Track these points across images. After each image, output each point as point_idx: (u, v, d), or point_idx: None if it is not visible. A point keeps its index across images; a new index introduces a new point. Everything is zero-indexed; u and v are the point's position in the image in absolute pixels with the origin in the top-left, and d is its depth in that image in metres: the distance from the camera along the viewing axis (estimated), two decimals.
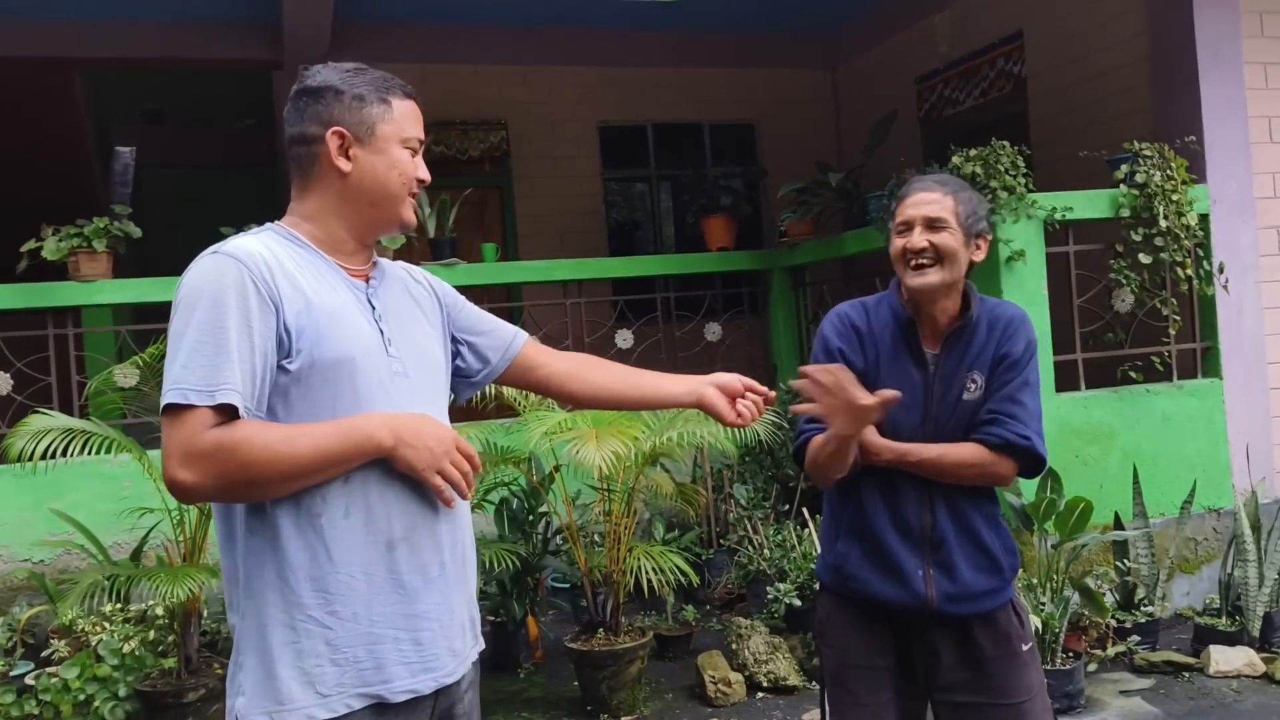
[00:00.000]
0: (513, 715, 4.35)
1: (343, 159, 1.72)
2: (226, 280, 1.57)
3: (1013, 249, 4.90)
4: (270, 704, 1.58)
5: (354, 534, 1.61)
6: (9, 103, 7.83)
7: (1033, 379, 2.28)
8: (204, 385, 1.52)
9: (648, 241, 9.17)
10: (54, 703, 3.92)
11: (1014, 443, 2.22)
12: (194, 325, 1.55)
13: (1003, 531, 2.32)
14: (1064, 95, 6.71)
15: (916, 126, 8.16)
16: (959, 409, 2.27)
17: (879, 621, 2.32)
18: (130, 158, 7.63)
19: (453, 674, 1.72)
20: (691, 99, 8.87)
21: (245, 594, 1.62)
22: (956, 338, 2.29)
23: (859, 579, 2.31)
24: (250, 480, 1.53)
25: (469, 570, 1.80)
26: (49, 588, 4.69)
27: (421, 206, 6.30)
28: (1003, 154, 4.91)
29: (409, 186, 1.77)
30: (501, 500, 4.95)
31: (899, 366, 2.29)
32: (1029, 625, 2.35)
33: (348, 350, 1.64)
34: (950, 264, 2.24)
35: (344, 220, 1.74)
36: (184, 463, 1.51)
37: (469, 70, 8.24)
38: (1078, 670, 4.13)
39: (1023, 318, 2.33)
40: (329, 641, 1.59)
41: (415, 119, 1.80)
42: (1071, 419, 5.06)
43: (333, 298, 1.67)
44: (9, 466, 4.29)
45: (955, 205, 2.26)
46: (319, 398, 1.61)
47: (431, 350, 1.84)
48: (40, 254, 5.30)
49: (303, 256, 1.70)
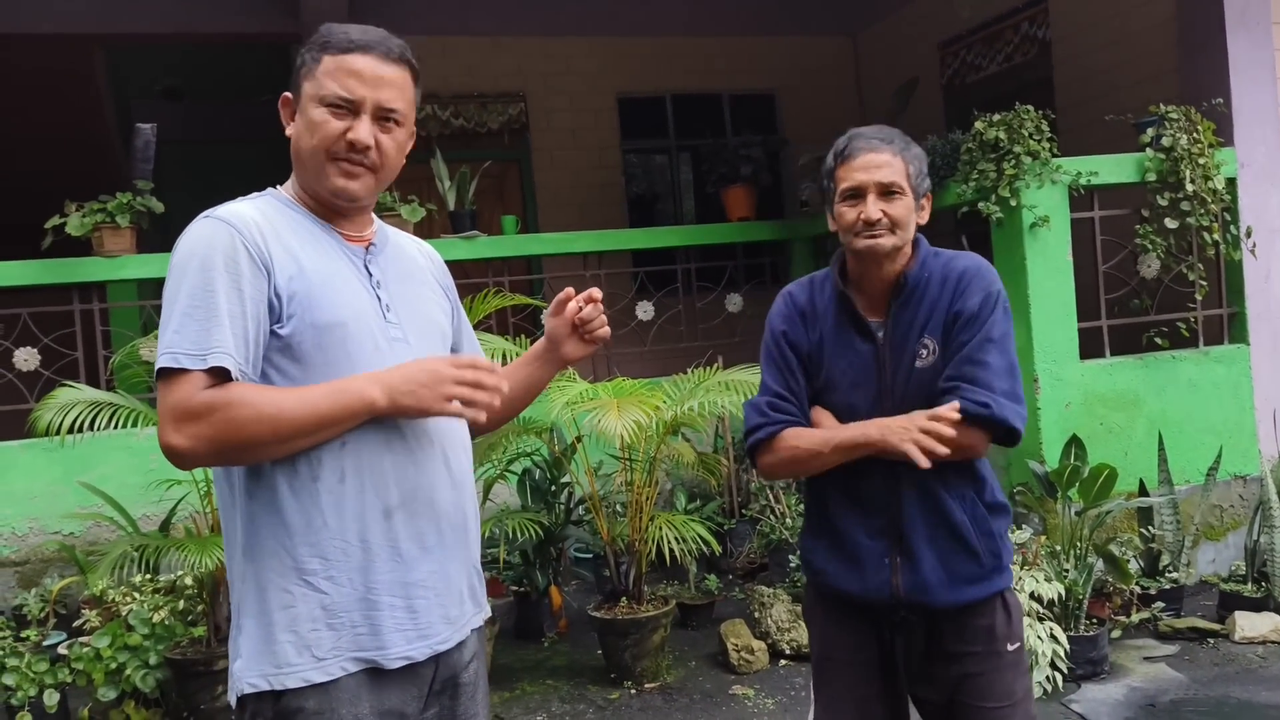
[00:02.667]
0: (537, 683, 4.39)
1: (291, 124, 1.70)
2: (217, 244, 1.56)
3: (1037, 215, 4.85)
4: (268, 667, 1.58)
5: (350, 500, 1.60)
6: (32, 80, 7.86)
7: (997, 333, 2.03)
8: (195, 349, 1.51)
9: (668, 213, 9.13)
10: (87, 671, 3.98)
11: (972, 412, 1.96)
12: (185, 290, 1.54)
13: (980, 514, 2.09)
14: (1089, 59, 6.61)
15: (939, 92, 8.07)
16: (914, 379, 2.06)
17: (856, 615, 2.16)
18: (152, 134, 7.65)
19: (448, 641, 1.70)
20: (710, 69, 8.80)
21: (244, 558, 1.62)
22: (904, 302, 2.09)
23: (827, 573, 2.17)
24: (242, 442, 1.52)
25: (470, 538, 1.77)
26: (79, 559, 4.76)
27: (441, 179, 6.30)
28: (1027, 118, 4.85)
29: (325, 149, 1.64)
30: (524, 470, 4.98)
31: (843, 341, 2.11)
32: (1018, 624, 2.15)
33: (339, 315, 1.61)
34: (903, 230, 2.06)
35: (303, 185, 1.72)
36: (177, 426, 1.50)
37: (487, 42, 8.20)
38: (1102, 636, 4.13)
39: (979, 268, 2.09)
40: (325, 606, 1.59)
41: (344, 73, 1.63)
42: (1096, 386, 5.02)
43: (325, 263, 1.65)
44: (38, 440, 4.35)
45: (906, 166, 2.07)
46: (312, 363, 1.59)
47: (435, 317, 1.81)
48: (65, 230, 5.34)
49: (298, 221, 1.68)
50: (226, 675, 1.68)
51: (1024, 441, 4.99)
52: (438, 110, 8.10)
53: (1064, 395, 4.93)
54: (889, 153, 2.06)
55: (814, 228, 6.83)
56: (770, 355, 2.19)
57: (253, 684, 1.58)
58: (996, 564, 2.09)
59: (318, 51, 1.66)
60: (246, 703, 1.60)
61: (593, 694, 4.24)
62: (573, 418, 4.26)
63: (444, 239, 6.19)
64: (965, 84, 7.89)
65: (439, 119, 8.09)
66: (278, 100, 1.75)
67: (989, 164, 4.87)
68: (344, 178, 1.66)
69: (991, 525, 2.10)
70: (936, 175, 5.32)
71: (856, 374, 2.08)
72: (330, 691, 1.58)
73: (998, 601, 2.12)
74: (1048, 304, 4.92)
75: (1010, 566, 2.15)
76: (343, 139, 1.64)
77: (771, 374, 2.17)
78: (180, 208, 1.82)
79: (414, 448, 1.66)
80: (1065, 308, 4.96)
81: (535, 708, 4.14)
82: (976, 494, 2.10)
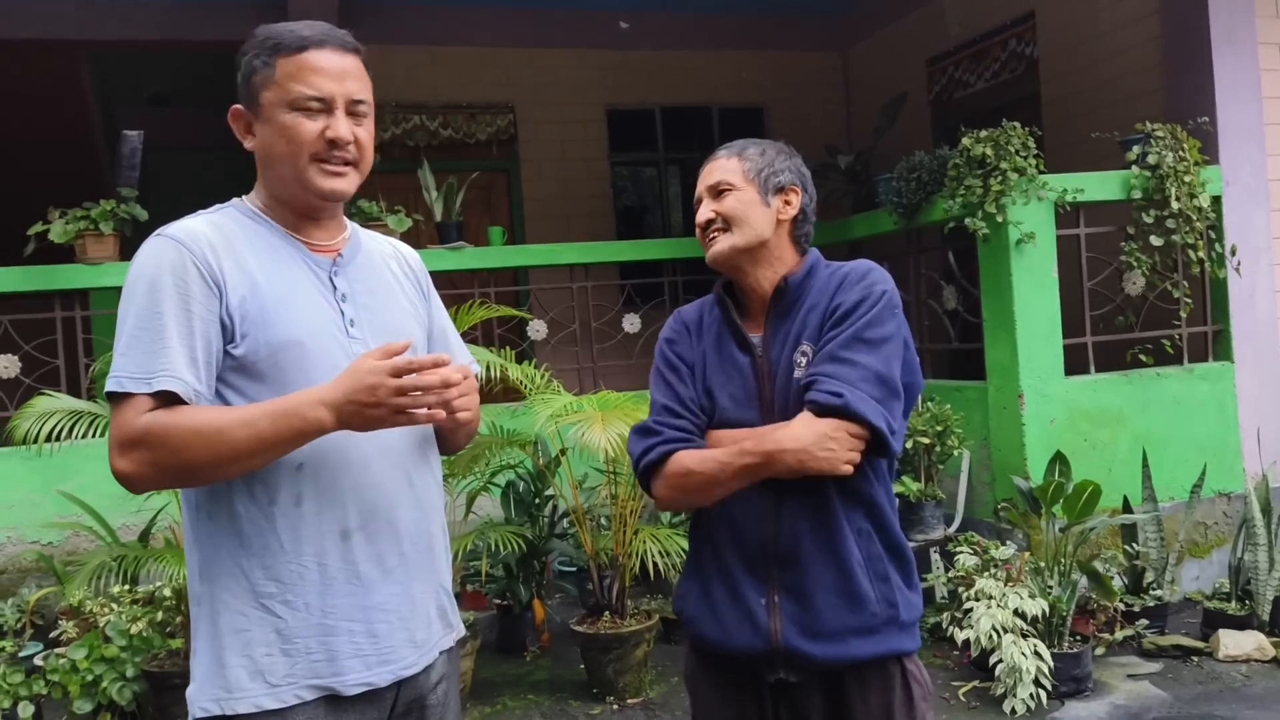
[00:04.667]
0: (519, 698, 4.35)
1: (249, 137, 1.65)
2: (165, 264, 1.53)
3: (1023, 231, 4.87)
4: (219, 692, 1.55)
5: (306, 522, 1.56)
6: (16, 86, 7.81)
7: (872, 334, 1.79)
8: (141, 372, 1.49)
9: (656, 225, 9.13)
10: (62, 683, 3.93)
11: (825, 404, 1.73)
12: (133, 312, 1.53)
13: (875, 553, 1.82)
14: (1076, 76, 6.64)
15: (927, 108, 8.10)
16: (795, 392, 1.82)
17: (735, 682, 1.88)
18: (138, 141, 7.61)
19: (414, 665, 1.66)
20: (700, 82, 8.81)
21: (201, 580, 1.59)
22: (782, 310, 1.91)
23: (697, 621, 1.90)
24: (184, 465, 1.49)
25: (436, 559, 1.72)
26: (57, 569, 4.70)
27: (428, 190, 6.29)
28: (1013, 135, 4.87)
29: (305, 150, 1.60)
30: (508, 483, 4.95)
31: (724, 354, 1.93)
32: (921, 700, 1.85)
33: (295, 333, 1.57)
34: (740, 226, 1.91)
35: (272, 195, 1.67)
36: (121, 451, 1.49)
37: (476, 53, 8.20)
38: (1085, 654, 4.12)
39: (867, 269, 1.89)
40: (279, 631, 1.55)
41: (308, 72, 1.59)
42: (1081, 402, 5.03)
43: (283, 279, 1.61)
44: (16, 448, 4.30)
45: (741, 164, 1.95)
46: (269, 381, 1.55)
47: (405, 328, 1.73)
48: (47, 237, 5.30)
49: (258, 234, 1.64)
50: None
51: (1009, 458, 5.04)
52: (426, 120, 8.08)
53: (1049, 411, 4.94)
54: (724, 157, 1.99)
55: None
56: (656, 370, 2.00)
57: (204, 708, 1.55)
58: (891, 615, 1.81)
59: (268, 56, 1.60)
60: None
61: (575, 709, 4.21)
62: (557, 430, 4.23)
63: (431, 249, 6.17)
64: (953, 100, 7.92)
65: (427, 129, 8.08)
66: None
67: (976, 180, 4.89)
68: (332, 178, 1.62)
69: (888, 568, 1.83)
70: (924, 190, 5.33)
71: (736, 389, 1.89)
72: (282, 716, 1.55)
73: (895, 671, 1.84)
74: (1033, 320, 4.93)
75: (915, 629, 1.87)
76: (321, 139, 1.60)
77: (658, 388, 1.97)
78: (165, 215, 1.79)
79: (374, 468, 1.61)
80: (1050, 324, 4.97)
81: None
82: (874, 529, 1.84)
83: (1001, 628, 3.95)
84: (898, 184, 5.47)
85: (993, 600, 4.05)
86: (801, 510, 1.80)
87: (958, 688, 4.16)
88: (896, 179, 5.49)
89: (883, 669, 1.83)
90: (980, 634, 3.95)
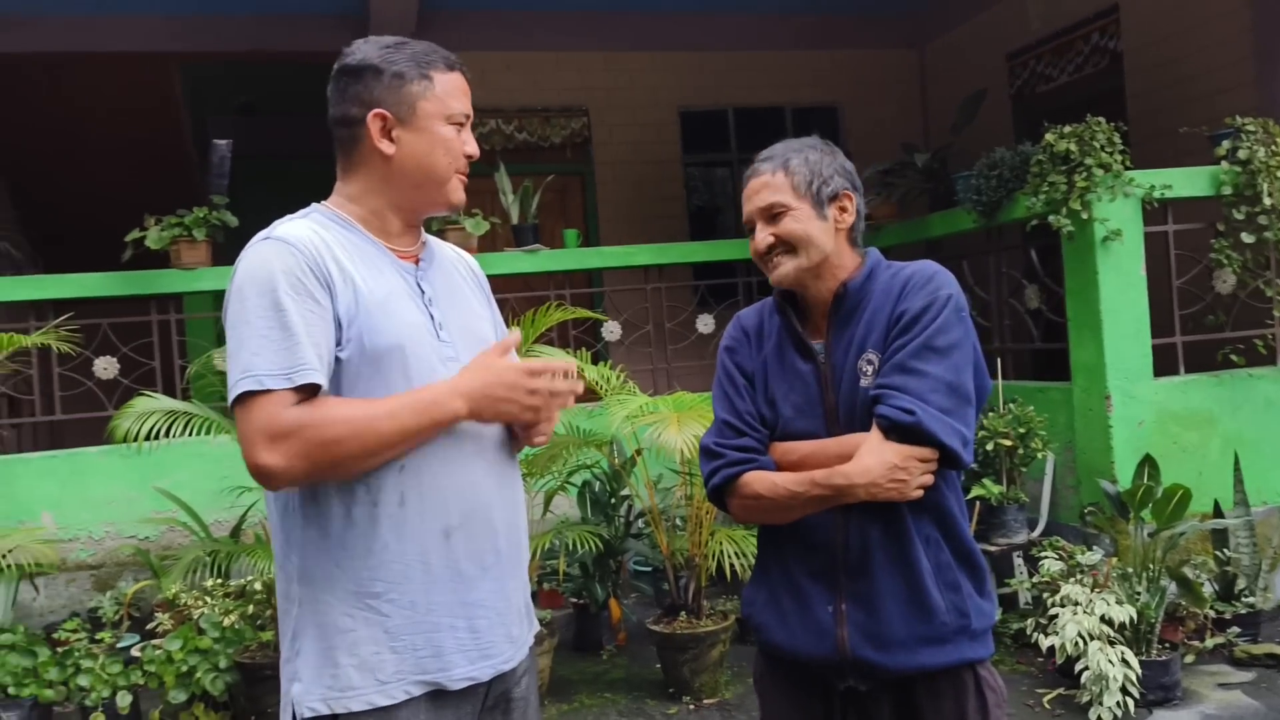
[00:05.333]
0: (596, 696, 4.39)
1: (385, 141, 1.67)
2: (282, 265, 1.56)
3: (1109, 229, 4.75)
4: (329, 691, 1.57)
5: (410, 522, 1.59)
6: (113, 97, 8.14)
7: (941, 341, 1.74)
8: (279, 369, 1.51)
9: (729, 226, 9.11)
10: (158, 673, 4.08)
11: (896, 420, 1.71)
12: (255, 312, 1.54)
13: (945, 562, 1.80)
14: (1163, 70, 6.46)
15: (1008, 104, 7.95)
16: (860, 402, 1.79)
17: (804, 687, 1.88)
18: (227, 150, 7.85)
19: (511, 660, 1.71)
20: (773, 82, 8.78)
21: (301, 582, 1.62)
22: (844, 316, 1.86)
23: (766, 628, 1.90)
24: (334, 457, 1.52)
25: (523, 556, 1.77)
26: (153, 563, 4.89)
27: (504, 193, 6.37)
28: (1098, 130, 4.76)
29: (455, 165, 1.71)
30: (584, 483, 5.00)
31: (786, 363, 1.90)
32: (996, 707, 1.82)
33: (397, 338, 1.61)
34: (805, 248, 1.84)
35: (390, 202, 1.70)
36: (269, 445, 1.49)
37: (551, 57, 8.29)
38: (1174, 662, 4.01)
39: (931, 272, 1.83)
40: (386, 629, 1.58)
41: (460, 92, 1.72)
42: (1170, 404, 4.89)
43: (381, 284, 1.64)
44: (116, 447, 4.48)
45: (788, 179, 1.85)
46: (370, 386, 1.59)
47: (484, 332, 1.80)
48: (144, 243, 5.51)
49: (350, 240, 1.67)
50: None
51: (1095, 460, 4.93)
52: (502, 125, 8.19)
53: (1137, 413, 4.81)
54: (767, 172, 1.88)
55: (876, 241, 6.77)
56: (717, 382, 1.99)
57: (312, 708, 1.58)
58: (963, 624, 1.79)
59: (424, 68, 1.68)
60: None
61: (651, 708, 4.24)
62: (633, 431, 4.27)
63: (507, 252, 6.26)
64: (1035, 94, 7.76)
65: (503, 133, 8.19)
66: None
67: (1059, 176, 4.79)
68: (461, 191, 1.74)
69: (959, 576, 1.81)
70: (1005, 188, 5.24)
71: (799, 398, 1.86)
72: (390, 713, 1.58)
73: (968, 678, 1.81)
74: (1120, 320, 4.81)
75: (988, 636, 1.84)
76: (464, 155, 1.72)
77: (719, 402, 1.96)
78: (254, 221, 1.85)
79: (471, 468, 1.66)
80: (1138, 324, 4.84)
81: None
82: (943, 536, 1.82)
83: (1087, 634, 3.86)
84: (977, 181, 5.38)
85: (1079, 606, 3.96)
86: (870, 520, 1.79)
87: (1042, 695, 4.08)
88: (976, 176, 5.40)
89: (955, 677, 1.80)
90: (1065, 640, 3.87)
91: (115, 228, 5.63)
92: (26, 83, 7.74)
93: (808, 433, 1.84)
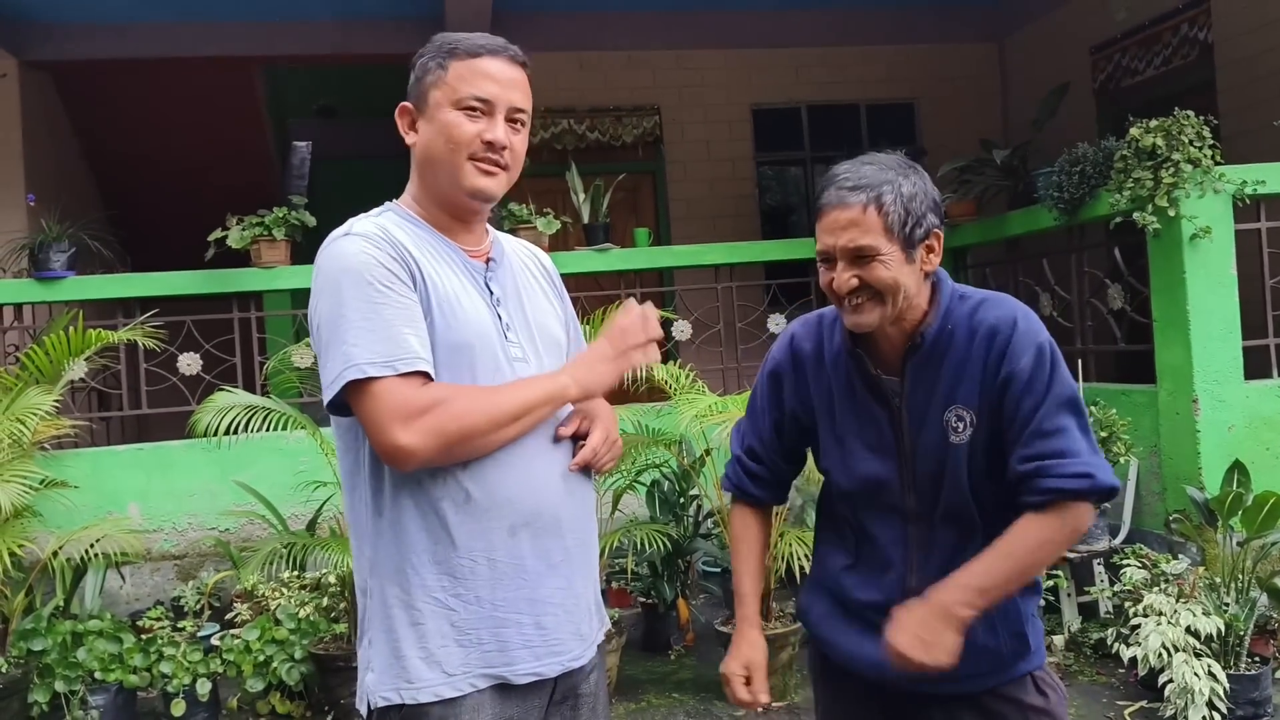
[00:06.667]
0: (664, 696, 4.38)
1: (411, 134, 1.71)
2: (368, 259, 1.58)
3: (1198, 226, 4.59)
4: (399, 682, 1.61)
5: (476, 519, 1.61)
6: (198, 100, 8.37)
7: (1061, 389, 1.70)
8: (383, 358, 1.53)
9: (802, 225, 9.02)
10: (237, 662, 4.18)
11: (1074, 490, 1.66)
12: (349, 306, 1.56)
13: (1011, 603, 1.77)
14: (1255, 62, 6.22)
15: (1091, 98, 7.74)
16: (951, 457, 1.74)
17: (860, 684, 1.87)
18: (307, 152, 8.05)
19: (580, 658, 1.71)
20: (847, 78, 8.67)
21: (372, 575, 1.65)
22: (923, 360, 1.76)
23: (824, 641, 1.92)
24: (465, 432, 1.55)
25: (592, 554, 1.78)
26: (233, 554, 5.01)
27: (576, 192, 6.40)
28: (1187, 124, 4.59)
29: (463, 149, 1.65)
30: (653, 482, 4.99)
31: (856, 403, 1.82)
32: (1059, 704, 1.82)
33: (467, 337, 1.63)
34: (893, 296, 1.71)
35: (427, 195, 1.73)
36: (405, 424, 1.51)
37: (623, 56, 8.30)
38: (1265, 676, 3.85)
39: (1012, 320, 1.73)
40: (453, 623, 1.61)
41: (480, 76, 1.66)
42: (1262, 408, 4.70)
43: (452, 282, 1.66)
44: (198, 441, 4.60)
45: (880, 219, 1.67)
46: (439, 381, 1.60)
47: (552, 330, 1.81)
48: (225, 243, 5.66)
49: (421, 238, 1.69)
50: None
51: (1181, 466, 4.76)
52: (573, 124, 8.23)
53: (1226, 418, 4.64)
54: (858, 207, 1.67)
55: (953, 239, 6.63)
56: (753, 395, 1.98)
57: (385, 698, 1.62)
58: (1020, 651, 1.80)
59: (444, 58, 1.68)
60: (375, 714, 1.64)
61: (719, 710, 4.21)
62: (701, 431, 4.24)
63: (578, 251, 6.28)
64: (1120, 88, 7.54)
65: (575, 133, 8.23)
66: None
67: (1145, 172, 4.64)
68: (482, 177, 1.67)
69: (1021, 616, 1.79)
70: (1088, 184, 5.09)
71: (872, 439, 1.81)
72: (456, 704, 1.61)
73: (1027, 681, 1.82)
74: (1208, 320, 4.64)
75: (1041, 647, 1.85)
76: (478, 140, 1.66)
77: (751, 413, 1.99)
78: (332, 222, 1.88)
79: (535, 467, 1.66)
80: (1228, 324, 4.67)
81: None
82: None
83: (1172, 646, 3.73)
84: (1059, 178, 5.24)
85: (1163, 617, 3.83)
86: (937, 550, 1.78)
87: (1123, 707, 3.96)
88: (1057, 173, 5.26)
89: (1013, 682, 1.82)
90: (1149, 652, 3.74)
91: (199, 227, 5.79)
92: (115, 86, 8.00)
93: (879, 474, 1.80)
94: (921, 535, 1.79)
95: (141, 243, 7.57)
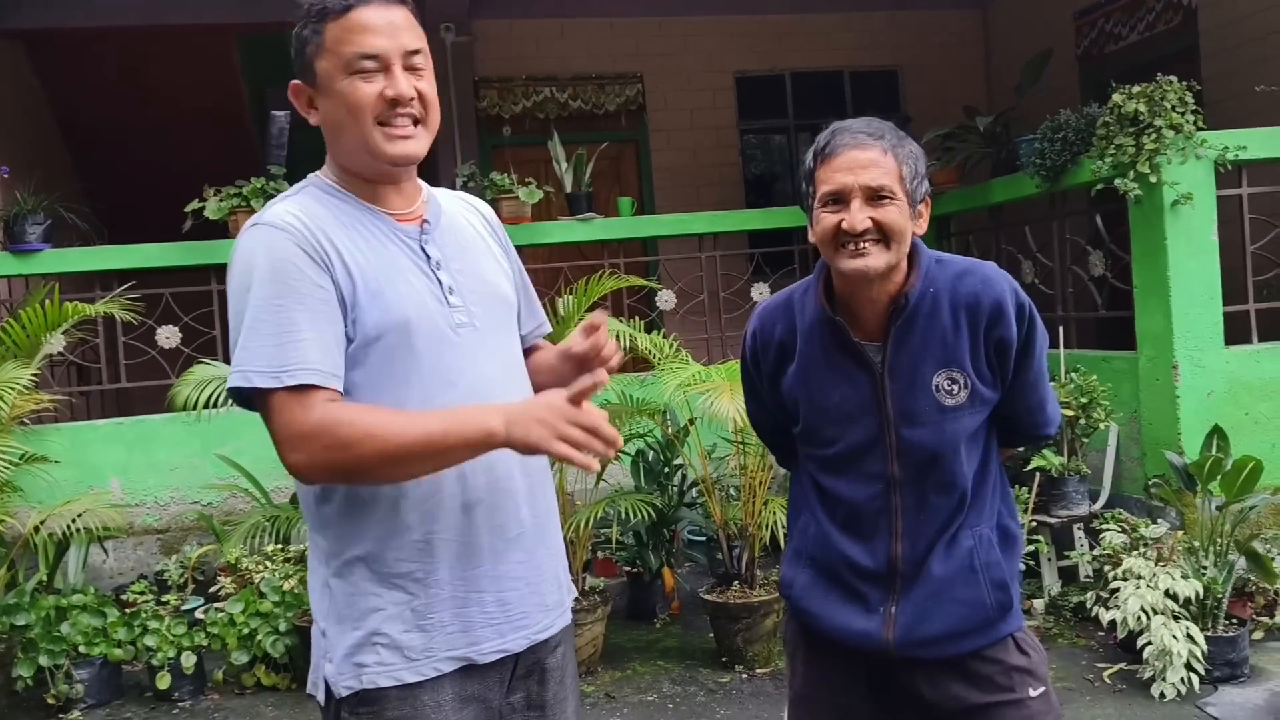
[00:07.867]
0: (649, 664, 4.41)
1: (312, 112, 1.61)
2: (272, 252, 1.50)
3: (1179, 192, 4.59)
4: (360, 669, 1.56)
5: (430, 500, 1.56)
6: (172, 69, 8.25)
7: (1043, 353, 1.85)
8: (269, 366, 1.45)
9: (785, 194, 9.00)
10: (221, 635, 4.19)
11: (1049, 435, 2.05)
12: (253, 303, 1.48)
13: (993, 560, 1.81)
14: (1238, 27, 6.22)
15: (1074, 65, 7.72)
16: (948, 419, 1.77)
17: (842, 653, 1.88)
18: (285, 121, 7.93)
19: (548, 628, 1.68)
20: (830, 45, 8.62)
21: (328, 563, 1.60)
22: (906, 323, 1.78)
23: (807, 612, 1.90)
24: (354, 460, 1.45)
25: (552, 522, 1.73)
26: (216, 528, 5.00)
27: (558, 161, 6.35)
28: (1169, 90, 4.58)
29: (367, 115, 1.54)
30: (637, 452, 5.00)
31: (838, 372, 1.82)
32: (1040, 664, 1.86)
33: (402, 313, 1.54)
34: (899, 243, 1.73)
35: (344, 166, 1.62)
36: (293, 447, 1.46)
37: (605, 24, 8.22)
38: (1242, 638, 3.91)
39: (993, 280, 1.78)
40: (414, 609, 1.56)
41: (358, 32, 1.52)
42: (1242, 374, 4.73)
43: (380, 257, 1.57)
44: (179, 414, 4.56)
45: (899, 166, 1.73)
46: (375, 364, 1.54)
47: (498, 286, 1.72)
48: (203, 214, 5.59)
49: (343, 210, 1.59)
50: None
51: (1161, 432, 4.80)
52: (555, 92, 8.16)
53: (1206, 383, 4.67)
54: (878, 149, 1.72)
55: (936, 207, 6.62)
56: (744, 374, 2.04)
57: (348, 686, 1.56)
58: (1004, 610, 1.83)
59: (316, 23, 1.55)
60: (332, 704, 1.59)
61: (704, 677, 4.24)
62: (685, 400, 4.24)
63: (561, 221, 6.25)
64: (1102, 55, 7.52)
65: (557, 101, 8.16)
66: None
67: (1127, 138, 4.63)
68: (399, 142, 1.56)
69: (1004, 571, 1.82)
70: (1070, 151, 5.08)
71: (853, 407, 1.81)
72: (419, 689, 1.57)
73: (1009, 642, 1.84)
74: (1189, 286, 4.66)
75: (1019, 609, 1.87)
76: (382, 100, 1.54)
77: (751, 400, 2.06)
78: None
79: None
80: (1209, 290, 4.69)
81: (646, 688, 4.16)
82: (996, 534, 1.84)
83: (1151, 609, 3.77)
84: (1041, 145, 5.23)
85: (1142, 580, 3.87)
86: (929, 531, 1.81)
87: (1102, 669, 4.01)
88: (1040, 140, 5.25)
89: (999, 643, 1.84)
90: (1128, 615, 3.79)
91: (176, 199, 5.72)
92: (90, 56, 7.87)
93: (859, 441, 1.81)
94: (905, 500, 1.80)
95: (119, 215, 7.49)
